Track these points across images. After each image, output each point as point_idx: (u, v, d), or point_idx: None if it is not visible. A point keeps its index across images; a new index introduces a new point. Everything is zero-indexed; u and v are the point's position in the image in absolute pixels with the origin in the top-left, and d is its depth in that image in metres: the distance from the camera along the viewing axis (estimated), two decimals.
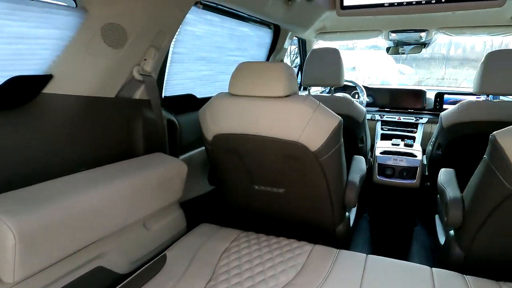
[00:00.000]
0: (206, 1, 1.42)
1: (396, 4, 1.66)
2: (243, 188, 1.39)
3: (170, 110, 1.47)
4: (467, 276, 1.04)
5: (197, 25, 1.53)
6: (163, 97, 1.48)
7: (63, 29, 0.97)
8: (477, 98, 1.75)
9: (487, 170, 1.05)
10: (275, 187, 1.33)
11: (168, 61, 1.44)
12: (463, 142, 1.72)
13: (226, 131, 1.21)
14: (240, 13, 1.76)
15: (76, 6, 0.99)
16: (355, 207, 1.76)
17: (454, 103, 2.48)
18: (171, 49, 1.43)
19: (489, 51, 1.65)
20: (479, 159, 1.12)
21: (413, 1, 1.63)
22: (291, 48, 3.27)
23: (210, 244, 1.21)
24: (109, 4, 1.00)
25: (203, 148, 1.64)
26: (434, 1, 1.61)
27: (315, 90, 2.99)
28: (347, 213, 1.50)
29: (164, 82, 1.46)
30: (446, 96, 2.60)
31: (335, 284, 0.99)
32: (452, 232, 1.32)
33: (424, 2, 1.62)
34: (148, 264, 1.09)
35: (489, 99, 1.75)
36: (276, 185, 1.32)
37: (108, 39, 1.03)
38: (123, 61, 1.12)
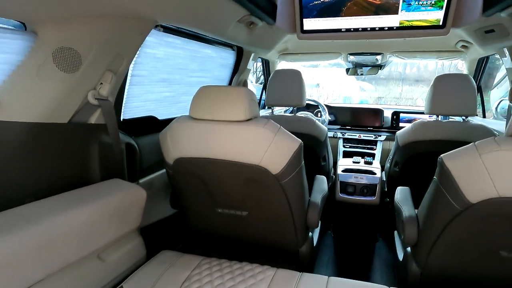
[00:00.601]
0: (167, 24, 1.41)
1: (352, 30, 1.76)
2: (206, 212, 1.37)
3: (130, 133, 1.43)
4: None
5: (158, 48, 1.52)
6: (121, 120, 1.44)
7: (11, 53, 0.92)
8: (429, 117, 1.86)
9: (436, 190, 1.11)
10: (238, 210, 1.32)
11: (127, 84, 1.40)
12: (417, 159, 1.82)
13: (187, 155, 1.19)
14: (202, 36, 1.77)
15: (26, 29, 0.95)
16: (319, 226, 1.79)
17: (409, 121, 2.63)
18: (130, 71, 1.40)
19: (440, 70, 1.78)
20: (432, 176, 1.18)
21: (368, 28, 1.74)
22: (257, 64, 3.32)
23: (171, 272, 1.17)
24: (62, 27, 0.97)
25: (164, 171, 1.60)
26: (386, 28, 1.72)
27: (279, 109, 3.05)
28: (310, 233, 1.51)
29: (123, 105, 1.42)
30: (402, 114, 2.75)
31: None
32: (409, 249, 1.37)
33: (377, 29, 1.73)
34: None
35: (439, 119, 1.87)
36: (239, 208, 1.31)
37: (60, 63, 0.99)
38: (77, 85, 1.07)
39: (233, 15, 1.55)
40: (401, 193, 1.56)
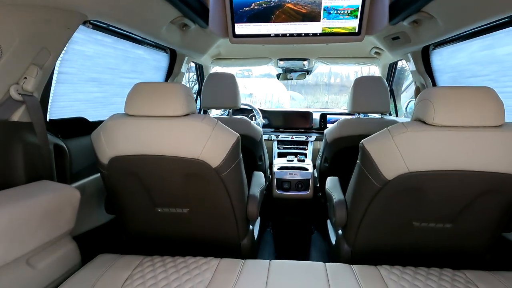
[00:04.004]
0: (96, 21, 1.37)
1: (280, 35, 1.90)
2: (145, 212, 1.33)
3: (57, 134, 1.34)
4: (353, 265, 1.19)
5: (87, 45, 1.45)
6: (48, 120, 1.34)
7: None
8: (352, 116, 2.06)
9: (360, 172, 1.25)
10: (179, 208, 1.31)
11: (54, 81, 1.32)
12: (343, 154, 2.00)
13: (123, 153, 1.16)
14: (134, 36, 1.74)
15: None
16: (259, 221, 1.85)
17: (335, 122, 2.88)
18: (56, 68, 1.32)
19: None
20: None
21: (294, 33, 1.89)
22: (189, 75, 3.33)
23: (110, 274, 1.12)
24: None
25: (97, 175, 1.52)
26: (311, 34, 1.89)
27: (215, 114, 3.09)
28: (251, 227, 1.56)
29: (49, 104, 1.33)
30: (329, 116, 3.00)
31: None
32: (340, 232, 1.50)
33: (303, 34, 1.89)
34: None
35: (360, 116, 2.08)
36: (179, 205, 1.30)
37: None
38: None
39: (166, 15, 1.56)
40: (330, 182, 1.70)
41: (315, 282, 1.08)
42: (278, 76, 3.20)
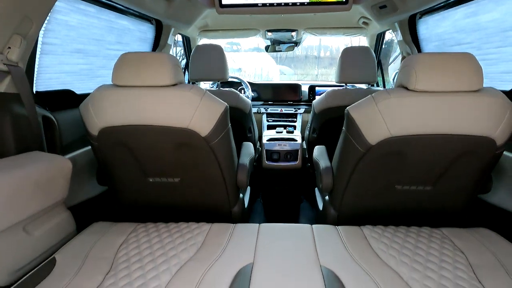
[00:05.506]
0: None
1: (268, 4, 1.88)
2: (137, 183, 1.36)
3: (45, 106, 1.33)
4: (338, 226, 1.26)
5: (70, 15, 1.42)
6: (34, 92, 1.33)
7: None
8: (339, 88, 2.09)
9: (345, 139, 1.29)
10: (170, 177, 1.34)
11: (38, 53, 1.30)
12: (331, 124, 2.04)
13: (113, 123, 1.17)
14: (117, 5, 1.70)
15: None
16: (249, 191, 1.90)
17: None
18: (40, 39, 1.30)
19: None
20: None
21: (281, 3, 1.87)
22: (176, 49, 3.28)
23: (105, 240, 1.16)
24: None
25: (87, 148, 1.53)
26: (298, 4, 1.87)
27: (203, 88, 3.07)
28: (241, 195, 1.61)
29: (35, 76, 1.31)
30: (317, 88, 3.01)
31: (234, 251, 1.08)
32: (327, 198, 1.56)
33: (291, 4, 1.87)
34: (34, 270, 0.98)
35: (347, 87, 2.11)
36: (171, 175, 1.33)
37: None
38: None
39: None
40: (318, 150, 1.75)
41: (302, 242, 1.14)
42: (266, 48, 3.17)
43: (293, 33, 2.85)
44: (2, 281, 0.95)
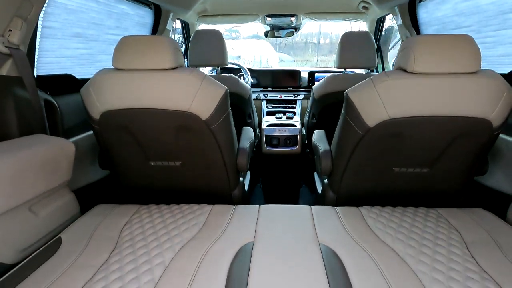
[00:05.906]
0: None
1: None
2: (138, 166, 1.38)
3: (46, 90, 1.34)
4: (336, 207, 1.29)
5: None
6: (35, 76, 1.34)
7: None
8: (338, 73, 2.09)
9: (344, 122, 1.30)
10: (171, 161, 1.35)
11: (38, 36, 1.30)
12: (330, 109, 2.05)
13: (114, 107, 1.18)
14: None
15: None
16: (249, 175, 1.93)
17: None
18: (40, 22, 1.30)
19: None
20: None
21: None
22: (174, 37, 3.25)
23: (110, 220, 1.19)
24: None
25: (89, 133, 1.54)
26: None
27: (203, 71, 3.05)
28: (241, 179, 1.63)
29: (36, 59, 1.32)
30: (316, 74, 3.01)
31: (235, 231, 1.11)
32: (326, 181, 1.58)
33: None
34: (40, 249, 1.01)
35: (347, 72, 2.11)
36: (172, 158, 1.35)
37: None
38: None
39: None
40: (317, 134, 1.77)
41: (301, 222, 1.17)
42: (266, 33, 3.15)
43: (293, 18, 2.83)
44: (10, 259, 0.98)
